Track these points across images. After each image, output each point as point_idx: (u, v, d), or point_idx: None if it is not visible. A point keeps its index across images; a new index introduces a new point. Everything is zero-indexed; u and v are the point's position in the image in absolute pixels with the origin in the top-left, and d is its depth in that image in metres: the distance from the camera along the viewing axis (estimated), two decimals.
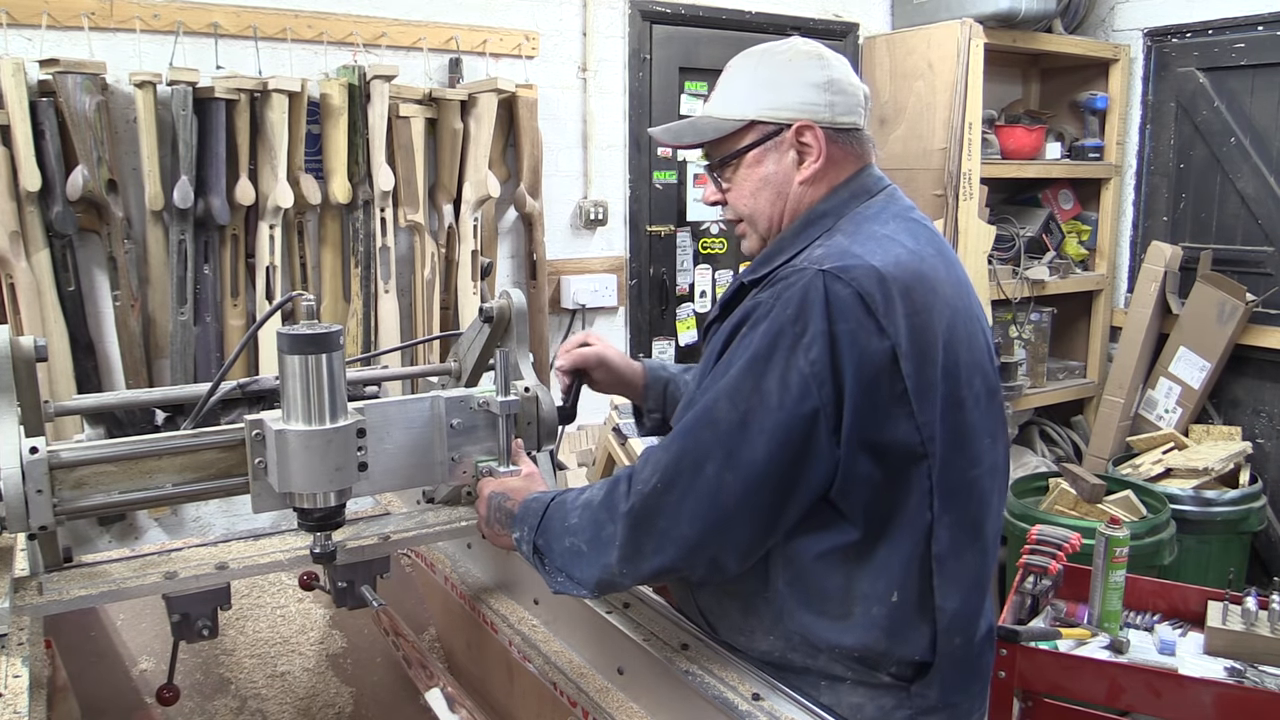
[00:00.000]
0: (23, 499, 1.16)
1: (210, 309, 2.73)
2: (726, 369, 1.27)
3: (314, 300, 1.30)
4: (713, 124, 1.42)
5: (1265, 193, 3.88)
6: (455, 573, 1.82)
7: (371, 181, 2.90)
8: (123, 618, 1.78)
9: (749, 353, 1.24)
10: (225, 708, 1.64)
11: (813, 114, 1.36)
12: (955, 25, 3.67)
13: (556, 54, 3.36)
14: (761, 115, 1.37)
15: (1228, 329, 3.90)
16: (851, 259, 1.25)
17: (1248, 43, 3.87)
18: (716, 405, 1.25)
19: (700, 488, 1.23)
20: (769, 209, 1.40)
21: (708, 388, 1.28)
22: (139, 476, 1.27)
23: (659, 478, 1.25)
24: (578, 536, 1.30)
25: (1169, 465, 3.73)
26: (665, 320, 3.75)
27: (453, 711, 1.60)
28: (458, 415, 1.43)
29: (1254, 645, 2.30)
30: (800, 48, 1.40)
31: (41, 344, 1.28)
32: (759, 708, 1.22)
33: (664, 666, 1.31)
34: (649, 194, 3.63)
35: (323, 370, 1.22)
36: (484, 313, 1.58)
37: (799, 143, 1.37)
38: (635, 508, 1.25)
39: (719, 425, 1.24)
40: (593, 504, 1.31)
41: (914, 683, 1.34)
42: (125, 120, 2.64)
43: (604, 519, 1.28)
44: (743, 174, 1.41)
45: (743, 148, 1.39)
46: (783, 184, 1.38)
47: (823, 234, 1.35)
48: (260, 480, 1.27)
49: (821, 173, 1.37)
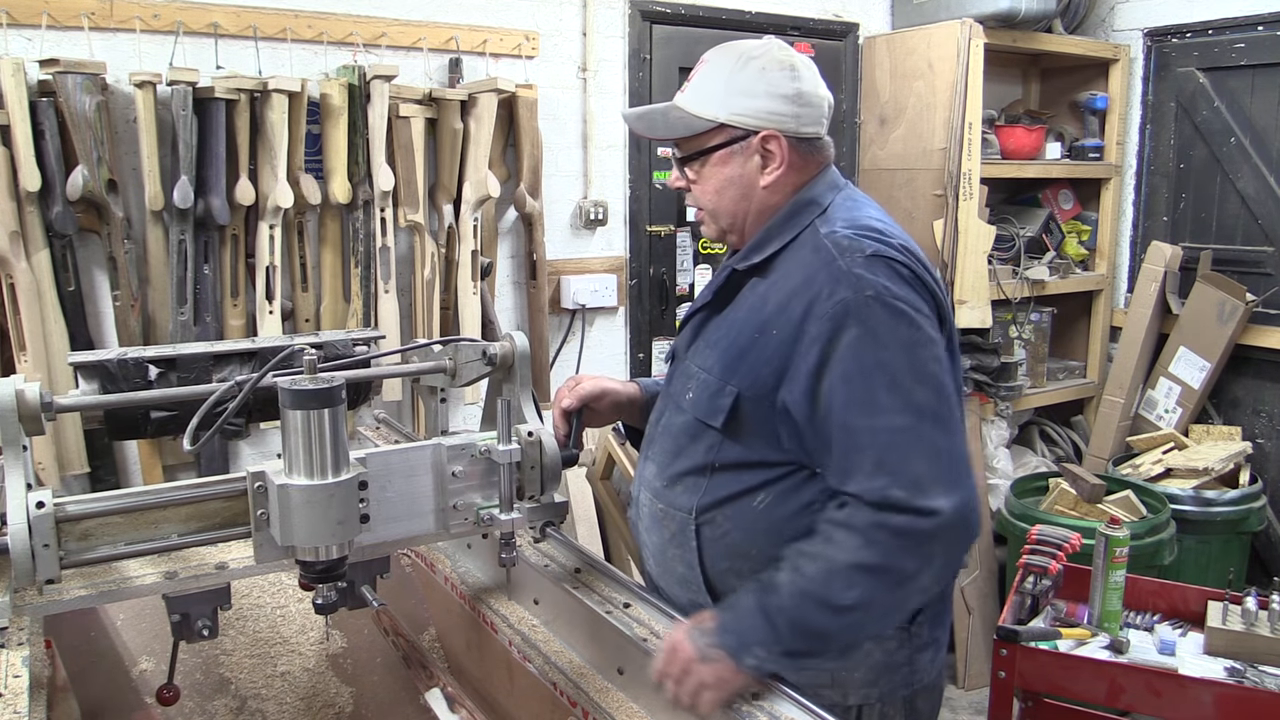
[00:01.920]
0: (29, 554, 1.16)
1: (210, 309, 2.73)
2: (853, 375, 1.31)
3: (316, 355, 1.30)
4: (684, 120, 1.47)
5: (1265, 193, 3.88)
6: (455, 573, 1.82)
7: (371, 181, 2.90)
8: (123, 618, 1.78)
9: (878, 351, 1.31)
10: (225, 708, 1.64)
11: (779, 124, 1.44)
12: (955, 25, 3.67)
13: (556, 54, 3.36)
14: (731, 120, 1.45)
15: (1228, 329, 3.90)
16: (872, 242, 1.37)
17: (1248, 43, 3.87)
18: (912, 397, 1.30)
19: (956, 456, 1.31)
20: (732, 207, 1.49)
21: (875, 405, 1.30)
22: (145, 527, 1.28)
23: (926, 480, 1.28)
24: (866, 610, 1.29)
25: (1169, 465, 3.73)
26: (665, 320, 3.75)
27: (453, 711, 1.61)
28: (459, 463, 1.42)
29: (1254, 645, 2.30)
30: (775, 55, 1.46)
31: (48, 399, 1.29)
32: (759, 708, 1.23)
33: None
34: (649, 194, 3.63)
35: (325, 424, 1.21)
36: (487, 356, 1.58)
37: (764, 149, 1.45)
38: (946, 515, 1.27)
39: (924, 409, 1.30)
40: (863, 565, 1.27)
41: (911, 624, 1.45)
42: (125, 120, 2.64)
43: (896, 562, 1.27)
44: (709, 171, 1.49)
45: (711, 147, 1.47)
46: (747, 186, 1.47)
47: (812, 219, 1.44)
48: (263, 531, 1.27)
49: (783, 178, 1.47)
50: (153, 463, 2.74)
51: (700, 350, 1.51)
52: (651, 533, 1.57)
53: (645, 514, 1.58)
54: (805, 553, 1.32)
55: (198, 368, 1.58)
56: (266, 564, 1.39)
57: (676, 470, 1.51)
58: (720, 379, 1.44)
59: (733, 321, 1.47)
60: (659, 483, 1.54)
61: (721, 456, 1.45)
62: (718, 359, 1.46)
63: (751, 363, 1.40)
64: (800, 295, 1.36)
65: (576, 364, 3.52)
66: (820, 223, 1.44)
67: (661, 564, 1.56)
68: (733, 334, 1.45)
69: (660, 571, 1.57)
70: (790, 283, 1.39)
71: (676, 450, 1.51)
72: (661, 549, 1.55)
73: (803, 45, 3.86)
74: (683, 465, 1.50)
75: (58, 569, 1.19)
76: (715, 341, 1.48)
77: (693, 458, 1.48)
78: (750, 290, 1.47)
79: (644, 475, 1.60)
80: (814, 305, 1.34)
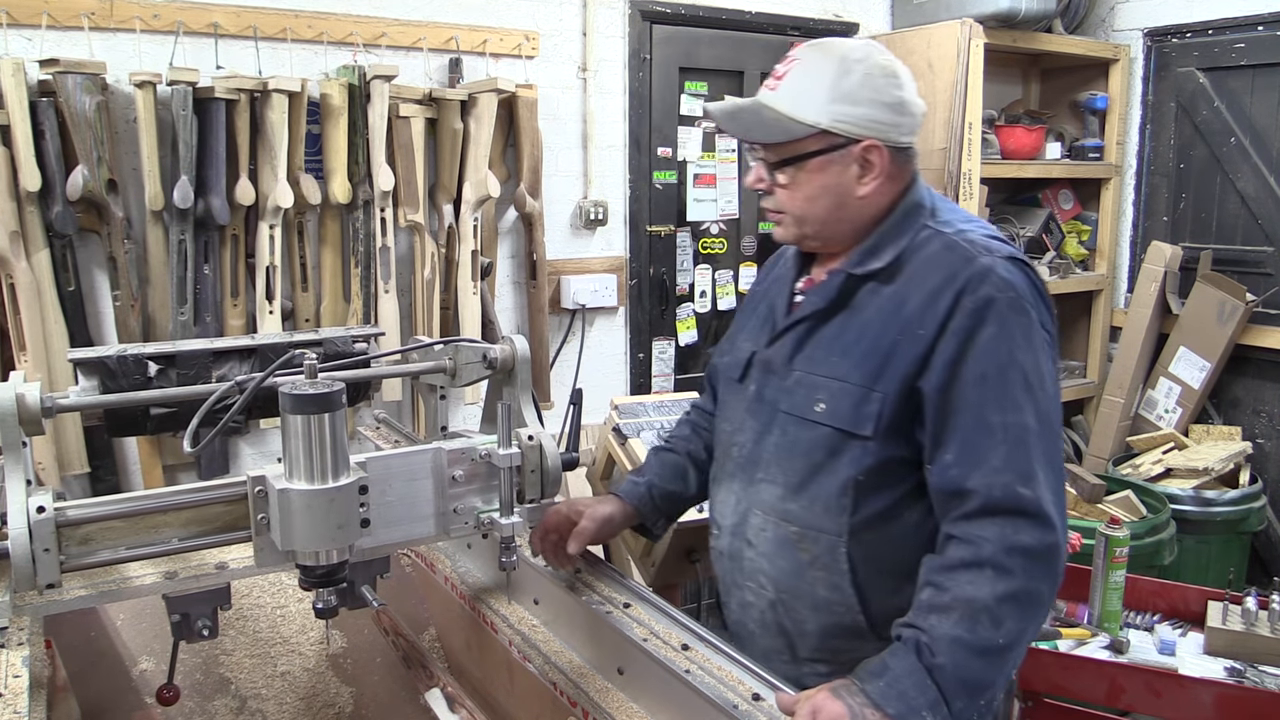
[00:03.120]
0: (30, 558, 1.16)
1: (210, 309, 2.73)
2: (990, 370, 1.32)
3: (316, 359, 1.30)
4: (782, 125, 1.41)
5: (1265, 193, 3.88)
6: (455, 573, 1.82)
7: (371, 181, 2.90)
8: (123, 618, 1.78)
9: (1015, 350, 1.32)
10: (225, 708, 1.64)
11: (880, 133, 1.41)
12: (955, 25, 3.67)
13: (556, 54, 3.36)
14: (834, 126, 1.39)
15: (1228, 329, 3.90)
16: (1005, 246, 1.40)
17: (1248, 43, 3.87)
18: (1040, 403, 1.32)
19: (1061, 475, 1.34)
20: (825, 215, 1.45)
21: (1010, 402, 1.31)
22: (145, 531, 1.28)
23: (1044, 487, 1.29)
24: (1018, 643, 1.28)
25: (1169, 465, 3.73)
26: (665, 320, 3.75)
27: (453, 711, 1.61)
28: (459, 467, 1.42)
29: (1254, 645, 2.31)
30: (878, 60, 1.42)
31: (49, 404, 1.28)
32: (759, 708, 1.22)
33: (664, 666, 1.31)
34: (649, 194, 3.63)
35: (325, 429, 1.21)
36: (487, 360, 1.57)
37: (864, 159, 1.41)
38: (1059, 530, 1.29)
39: (1048, 417, 1.32)
40: (1006, 596, 1.26)
41: None
42: (125, 120, 2.64)
43: (1034, 585, 1.27)
44: (803, 177, 1.43)
45: (808, 153, 1.42)
46: (843, 194, 1.43)
47: (923, 220, 1.44)
48: (263, 535, 1.27)
49: (880, 187, 1.43)
50: (153, 462, 2.74)
51: (818, 359, 1.45)
52: (778, 558, 1.48)
53: (765, 539, 1.50)
54: (938, 606, 1.27)
55: (197, 364, 1.58)
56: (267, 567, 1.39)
57: (815, 489, 1.43)
58: (863, 385, 1.38)
59: (861, 326, 1.42)
60: (791, 504, 1.46)
61: (866, 467, 1.39)
62: (855, 365, 1.40)
63: (897, 364, 1.36)
64: (945, 291, 1.35)
65: (576, 364, 3.52)
66: (936, 223, 1.43)
67: (792, 589, 1.48)
68: (867, 338, 1.40)
69: (789, 596, 1.48)
70: (930, 281, 1.37)
71: (811, 467, 1.43)
72: (796, 573, 1.47)
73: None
74: (822, 482, 1.42)
75: (58, 573, 1.19)
76: (843, 348, 1.42)
77: (835, 473, 1.41)
78: (871, 294, 1.42)
79: (758, 498, 1.50)
80: (961, 298, 1.33)
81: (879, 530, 1.40)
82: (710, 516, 1.64)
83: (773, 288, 1.60)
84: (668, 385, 3.78)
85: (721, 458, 1.61)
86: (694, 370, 3.84)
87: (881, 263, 1.42)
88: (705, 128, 3.70)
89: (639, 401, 2.63)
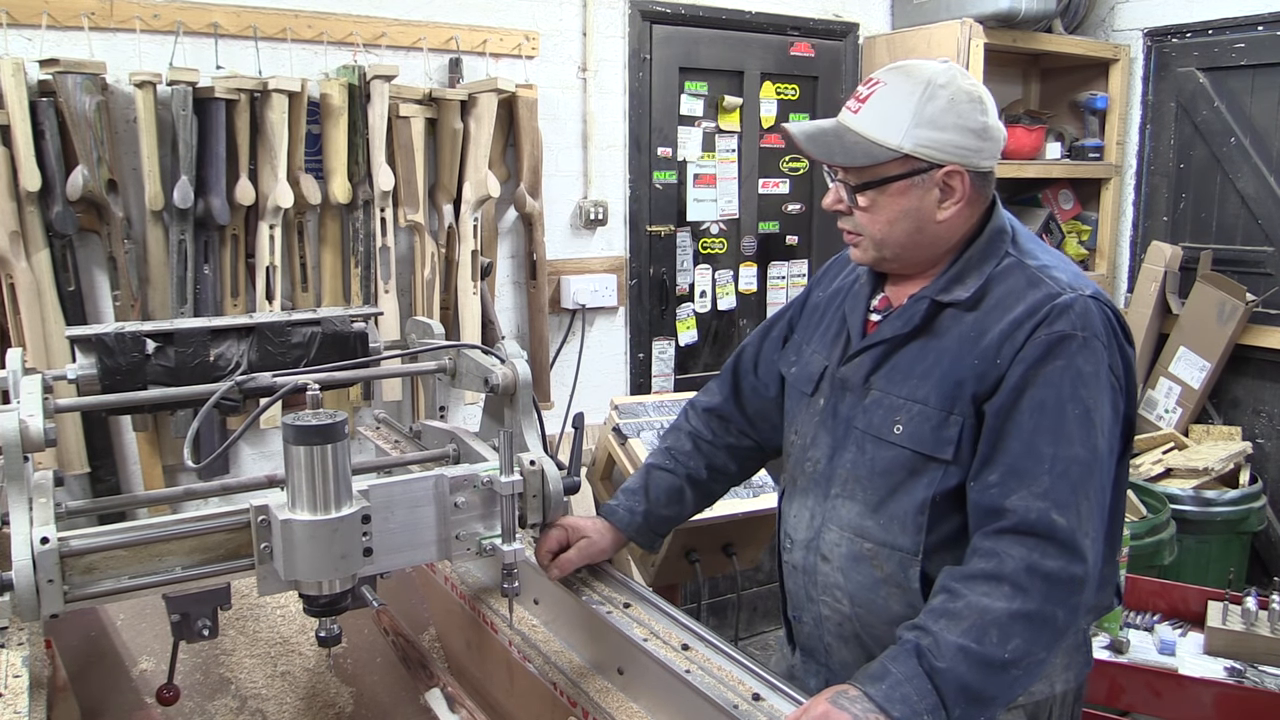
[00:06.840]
0: (34, 589, 1.16)
1: (210, 309, 2.73)
2: (1049, 400, 1.33)
3: (319, 391, 1.31)
4: (863, 148, 1.41)
5: (1265, 193, 3.88)
6: (455, 573, 1.82)
7: (371, 181, 2.90)
8: (123, 618, 1.78)
9: (1078, 386, 1.33)
10: (225, 708, 1.64)
11: (963, 159, 1.41)
12: (955, 25, 3.67)
13: (556, 54, 3.36)
14: (917, 151, 1.39)
15: (1228, 329, 3.90)
16: (1089, 284, 1.41)
17: (1248, 43, 3.87)
18: (1095, 440, 1.33)
19: (1104, 516, 1.35)
20: (904, 239, 1.45)
21: (1064, 434, 1.32)
22: (149, 560, 1.27)
23: (1082, 519, 1.29)
24: (1024, 663, 1.27)
25: (1169, 465, 3.73)
26: (665, 320, 3.75)
27: (453, 711, 1.61)
28: (461, 494, 1.42)
29: (1254, 645, 2.31)
30: (963, 85, 1.42)
31: (52, 434, 1.28)
32: (759, 708, 1.23)
33: (664, 666, 1.31)
34: (649, 194, 3.63)
35: (328, 460, 1.22)
36: (489, 384, 1.57)
37: (945, 184, 1.41)
38: (1091, 566, 1.29)
39: (1100, 456, 1.33)
40: (1020, 613, 1.26)
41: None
42: (125, 120, 2.64)
43: (1050, 609, 1.27)
44: (885, 201, 1.43)
45: (890, 176, 1.41)
46: (923, 219, 1.43)
47: (1006, 247, 1.45)
48: (266, 564, 1.27)
49: (961, 212, 1.44)
50: (152, 461, 2.74)
51: (897, 381, 1.46)
52: (854, 572, 1.50)
53: (840, 554, 1.51)
54: (949, 611, 1.28)
55: (195, 342, 1.57)
56: None
57: (893, 508, 1.45)
58: (941, 409, 1.40)
59: (940, 350, 1.43)
60: (868, 521, 1.47)
61: (943, 489, 1.41)
62: (933, 388, 1.41)
63: (974, 390, 1.38)
64: (1024, 323, 1.36)
65: (576, 364, 3.52)
66: (1018, 251, 1.45)
67: (868, 603, 1.49)
68: (945, 363, 1.41)
69: (864, 611, 1.50)
70: (1011, 313, 1.38)
71: (891, 486, 1.45)
72: (870, 588, 1.48)
73: (802, 45, 3.87)
74: (900, 501, 1.44)
75: (62, 603, 1.19)
76: (923, 371, 1.43)
77: (912, 493, 1.43)
78: (953, 320, 1.43)
79: (835, 514, 1.52)
80: (1037, 330, 1.35)
81: (951, 550, 1.41)
82: (781, 530, 1.64)
83: (846, 302, 1.59)
84: (668, 385, 3.78)
85: (794, 471, 1.61)
86: (694, 370, 3.84)
87: (967, 292, 1.43)
88: (705, 128, 3.70)
89: (639, 401, 2.63)
